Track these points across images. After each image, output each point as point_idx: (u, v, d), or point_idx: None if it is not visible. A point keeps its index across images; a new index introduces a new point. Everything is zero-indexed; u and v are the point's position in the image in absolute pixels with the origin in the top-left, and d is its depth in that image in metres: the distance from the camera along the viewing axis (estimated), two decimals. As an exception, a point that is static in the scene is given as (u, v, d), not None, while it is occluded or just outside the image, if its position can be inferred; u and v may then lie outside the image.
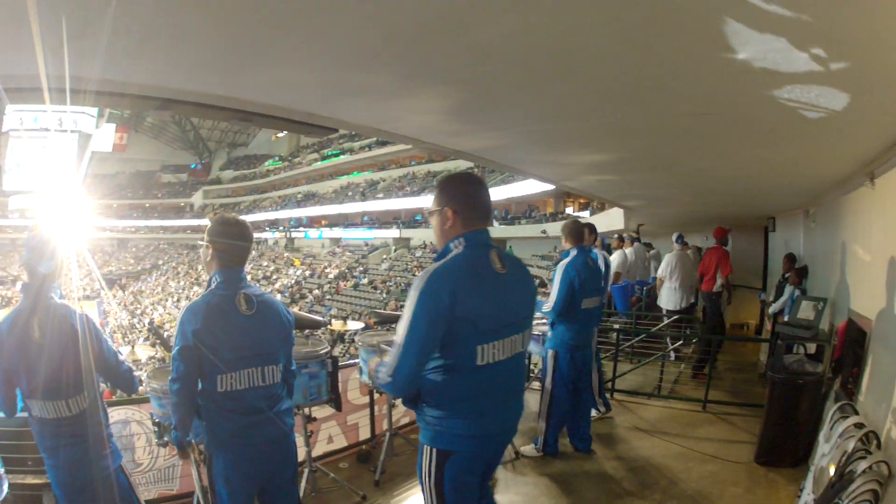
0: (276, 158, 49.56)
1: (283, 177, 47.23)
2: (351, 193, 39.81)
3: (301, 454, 2.94)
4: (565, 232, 4.02)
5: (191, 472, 2.70)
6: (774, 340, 4.85)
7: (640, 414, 5.04)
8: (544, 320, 4.08)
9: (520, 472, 3.83)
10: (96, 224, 44.75)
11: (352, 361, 4.11)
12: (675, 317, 7.52)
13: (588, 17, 1.40)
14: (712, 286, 6.88)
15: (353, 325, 4.27)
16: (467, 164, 31.07)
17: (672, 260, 7.54)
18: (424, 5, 1.34)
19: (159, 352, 12.91)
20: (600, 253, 4.77)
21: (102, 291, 36.39)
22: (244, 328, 2.15)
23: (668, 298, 7.60)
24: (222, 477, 2.16)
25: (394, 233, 33.91)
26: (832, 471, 2.41)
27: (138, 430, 3.31)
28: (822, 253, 5.19)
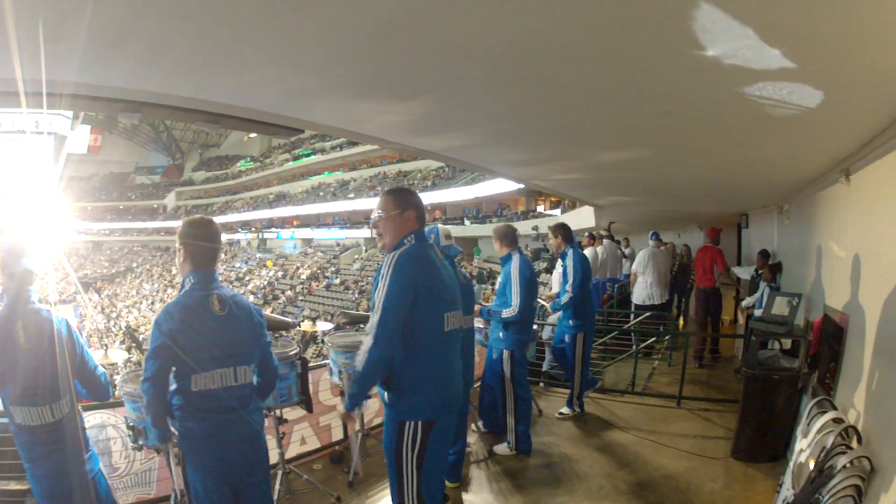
0: (248, 159, 49.10)
1: (255, 177, 46.75)
2: (322, 194, 39.45)
3: (274, 456, 2.96)
4: (500, 235, 4.14)
5: (168, 475, 2.69)
6: (748, 336, 4.90)
7: (615, 411, 5.04)
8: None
9: (493, 471, 3.81)
10: (72, 227, 44.05)
11: (323, 362, 4.04)
12: (647, 313, 7.61)
13: (553, 14, 1.35)
14: (712, 283, 6.98)
15: (323, 325, 4.35)
16: (437, 165, 31.18)
17: (645, 256, 7.62)
18: (384, 4, 1.31)
19: (135, 355, 12.76)
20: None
21: (78, 295, 35.80)
22: (217, 328, 2.18)
23: (641, 294, 7.68)
24: (198, 477, 2.17)
25: (365, 233, 33.52)
26: (811, 466, 2.41)
27: (114, 434, 3.27)
28: (796, 249, 5.23)
